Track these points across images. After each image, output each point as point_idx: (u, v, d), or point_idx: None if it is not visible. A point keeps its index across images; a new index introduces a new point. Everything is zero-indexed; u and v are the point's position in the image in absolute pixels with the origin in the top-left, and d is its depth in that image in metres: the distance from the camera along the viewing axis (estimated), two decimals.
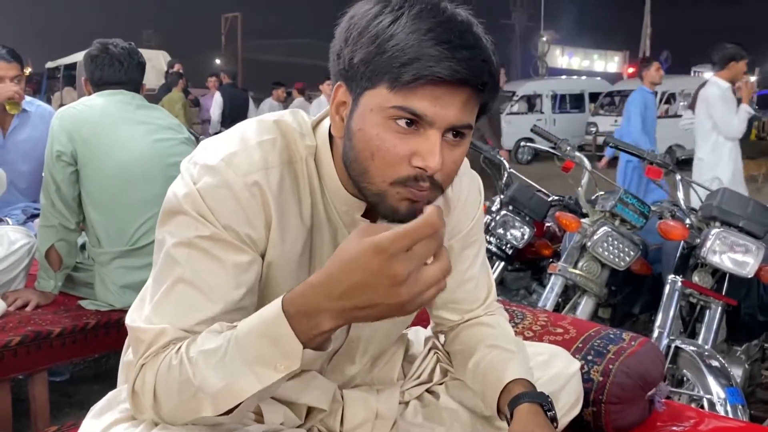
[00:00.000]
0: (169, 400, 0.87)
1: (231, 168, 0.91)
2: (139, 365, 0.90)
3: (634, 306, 2.77)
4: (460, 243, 1.15)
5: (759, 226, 2.21)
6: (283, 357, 0.79)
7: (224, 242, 0.91)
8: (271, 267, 0.96)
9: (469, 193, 1.15)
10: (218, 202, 0.91)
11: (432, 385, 1.21)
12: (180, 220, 0.92)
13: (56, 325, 2.01)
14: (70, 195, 2.09)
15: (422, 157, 0.86)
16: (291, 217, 0.96)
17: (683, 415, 1.53)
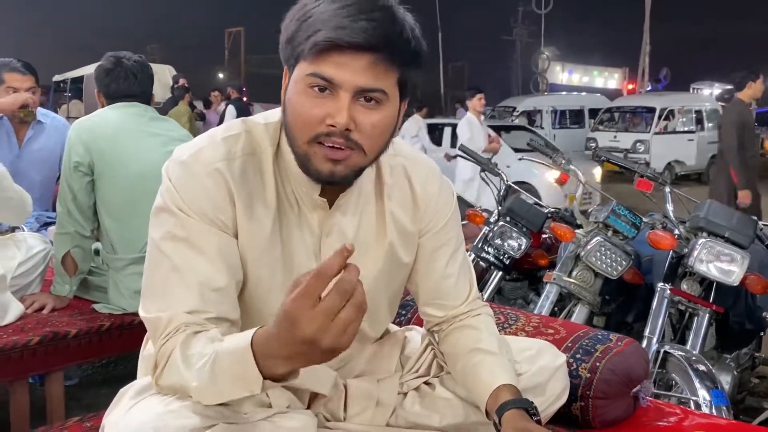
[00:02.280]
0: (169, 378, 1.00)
1: (197, 161, 1.07)
2: (159, 345, 1.01)
3: (627, 315, 2.86)
4: (432, 241, 1.26)
5: (743, 236, 2.31)
6: (246, 383, 0.89)
7: (200, 229, 1.05)
8: (245, 249, 1.09)
9: (440, 195, 1.26)
10: (188, 192, 1.05)
11: (429, 378, 1.30)
12: (162, 216, 1.07)
13: (72, 326, 2.10)
14: (85, 204, 2.18)
15: (332, 116, 0.99)
16: (256, 201, 1.09)
17: (668, 412, 1.62)
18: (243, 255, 1.10)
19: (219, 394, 0.93)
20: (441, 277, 1.27)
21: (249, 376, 0.88)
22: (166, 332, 1.01)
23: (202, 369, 0.93)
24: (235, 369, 0.89)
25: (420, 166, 1.26)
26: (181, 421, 0.93)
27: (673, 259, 2.48)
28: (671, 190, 2.61)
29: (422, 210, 1.24)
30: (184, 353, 0.98)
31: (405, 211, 1.22)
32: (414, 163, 1.25)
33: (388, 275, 1.23)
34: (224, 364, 0.91)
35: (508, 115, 16.32)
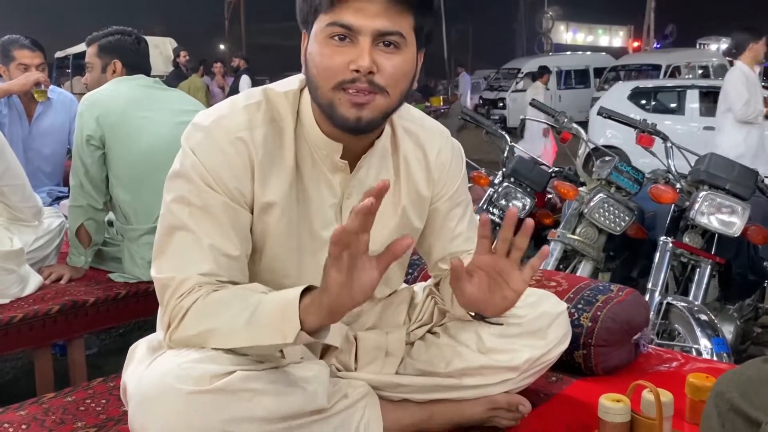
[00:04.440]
0: (188, 329, 1.04)
1: (219, 128, 1.10)
2: (175, 302, 1.06)
3: (632, 270, 2.91)
4: (447, 204, 1.30)
5: (744, 188, 2.34)
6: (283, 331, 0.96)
7: (217, 198, 1.08)
8: (262, 214, 1.13)
9: (452, 161, 1.30)
10: (208, 157, 1.08)
11: (433, 325, 1.36)
12: (179, 182, 1.10)
13: (90, 295, 2.17)
14: (98, 177, 2.22)
15: (355, 61, 1.02)
16: (276, 167, 1.13)
17: (668, 358, 1.68)
18: (260, 220, 1.13)
19: (249, 338, 0.99)
20: (452, 237, 1.32)
21: (288, 324, 0.95)
22: (180, 292, 1.06)
23: (240, 314, 0.99)
24: (276, 316, 0.96)
25: (433, 135, 1.29)
26: (201, 370, 0.98)
27: (675, 212, 2.51)
28: (672, 145, 2.63)
29: (436, 176, 1.28)
30: (213, 305, 1.03)
31: (419, 176, 1.26)
32: (427, 132, 1.29)
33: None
34: (267, 310, 0.98)
35: (513, 77, 16.20)
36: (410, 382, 1.28)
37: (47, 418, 1.36)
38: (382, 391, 1.25)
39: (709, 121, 6.93)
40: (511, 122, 14.21)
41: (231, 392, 0.98)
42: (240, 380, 0.99)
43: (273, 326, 0.97)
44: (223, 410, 0.97)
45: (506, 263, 1.05)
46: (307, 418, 1.06)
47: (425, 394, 1.29)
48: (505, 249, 1.04)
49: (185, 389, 0.96)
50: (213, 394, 0.97)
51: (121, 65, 2.35)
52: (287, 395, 1.03)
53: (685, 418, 1.34)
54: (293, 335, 0.95)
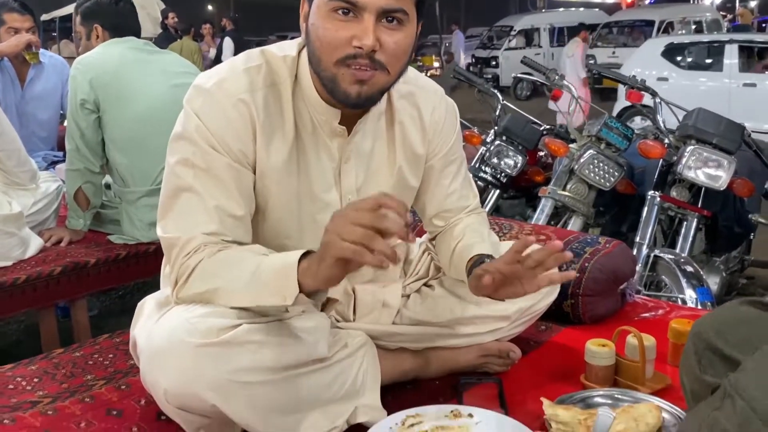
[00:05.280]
0: (193, 288, 1.08)
1: (221, 90, 1.11)
2: (181, 260, 1.10)
3: (621, 225, 2.96)
4: (441, 162, 1.34)
5: (730, 142, 2.38)
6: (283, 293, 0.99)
7: (220, 159, 1.11)
8: (263, 177, 1.16)
9: (446, 119, 1.33)
10: (211, 120, 1.10)
11: (428, 279, 1.41)
12: (182, 144, 1.12)
13: (90, 257, 2.21)
14: (94, 140, 2.23)
15: (358, 38, 1.04)
16: (276, 131, 1.15)
17: (652, 306, 1.74)
18: (262, 183, 1.16)
19: (251, 299, 1.03)
20: (446, 194, 1.36)
21: (287, 287, 0.98)
22: (186, 251, 1.10)
23: (242, 275, 1.03)
24: (277, 279, 0.99)
25: (427, 93, 1.32)
26: (208, 324, 1.03)
27: (663, 167, 2.56)
28: (661, 101, 2.66)
29: (430, 135, 1.31)
30: (217, 264, 1.07)
31: (414, 135, 1.29)
32: (422, 91, 1.31)
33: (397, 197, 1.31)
34: (267, 273, 1.01)
35: (505, 35, 16.04)
36: (406, 331, 1.34)
37: (58, 372, 1.42)
38: (380, 341, 1.31)
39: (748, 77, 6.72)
40: (503, 81, 14.13)
41: (237, 344, 1.03)
42: (245, 333, 1.04)
43: (273, 288, 1.00)
44: (230, 361, 1.02)
45: (528, 273, 1.07)
46: (309, 367, 1.11)
47: (420, 342, 1.35)
48: (534, 266, 1.05)
49: (194, 342, 1.01)
50: (220, 346, 1.02)
51: (101, 29, 2.33)
52: (290, 345, 1.08)
53: (667, 361, 1.41)
54: (292, 297, 0.98)
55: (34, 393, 1.33)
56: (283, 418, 1.08)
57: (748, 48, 7.13)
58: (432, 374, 1.36)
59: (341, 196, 1.23)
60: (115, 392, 1.33)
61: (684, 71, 7.44)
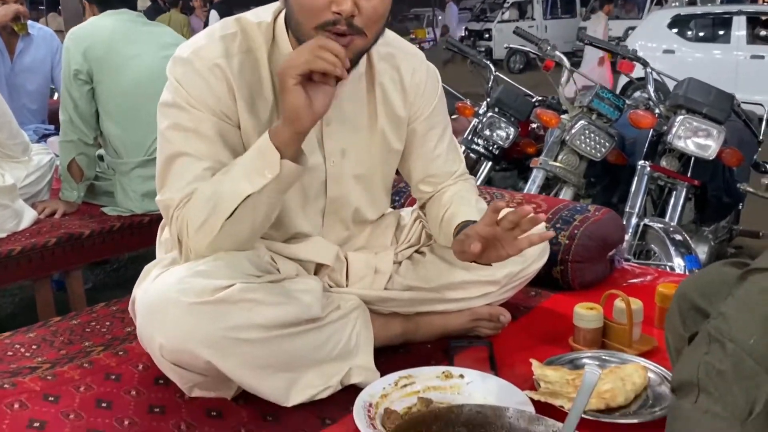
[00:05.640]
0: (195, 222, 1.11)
1: (198, 57, 1.15)
2: (177, 215, 1.13)
3: (612, 196, 2.99)
4: (423, 125, 1.35)
5: (720, 111, 2.40)
6: (268, 165, 1.05)
7: (206, 119, 1.14)
8: (248, 138, 1.18)
9: (427, 82, 1.34)
10: (192, 87, 1.14)
11: (420, 246, 1.43)
12: (170, 110, 1.16)
13: (85, 228, 2.22)
14: (87, 112, 2.24)
15: (337, 3, 1.05)
16: (255, 96, 1.18)
17: (640, 272, 1.77)
18: (246, 144, 1.18)
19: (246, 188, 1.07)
20: (431, 158, 1.37)
21: (269, 158, 1.05)
22: (178, 203, 1.13)
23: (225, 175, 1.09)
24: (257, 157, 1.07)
25: (408, 56, 1.33)
26: (203, 284, 1.05)
27: (653, 137, 2.58)
28: (653, 71, 2.67)
29: (411, 97, 1.33)
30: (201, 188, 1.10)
31: (395, 97, 1.31)
32: (402, 53, 1.33)
33: (382, 161, 1.34)
34: (249, 159, 1.08)
35: (498, 8, 15.91)
36: (398, 296, 1.37)
37: (56, 339, 1.44)
38: (372, 305, 1.33)
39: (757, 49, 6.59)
40: (496, 54, 14.04)
41: (232, 302, 1.05)
42: (239, 291, 1.06)
43: (260, 167, 1.06)
44: (224, 319, 1.04)
45: (507, 235, 1.08)
46: (303, 326, 1.13)
47: (412, 307, 1.38)
48: (510, 227, 1.07)
49: (187, 301, 1.04)
50: (214, 304, 1.04)
51: (88, 4, 2.35)
52: (284, 305, 1.11)
53: (654, 325, 1.44)
54: (277, 164, 1.05)
55: (33, 359, 1.35)
56: (278, 375, 1.11)
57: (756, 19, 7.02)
58: (423, 338, 1.39)
59: (325, 160, 1.25)
60: (113, 358, 1.35)
61: (691, 43, 7.34)
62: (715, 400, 0.70)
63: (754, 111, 3.14)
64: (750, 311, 0.74)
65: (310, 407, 1.15)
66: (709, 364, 0.73)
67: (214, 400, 1.17)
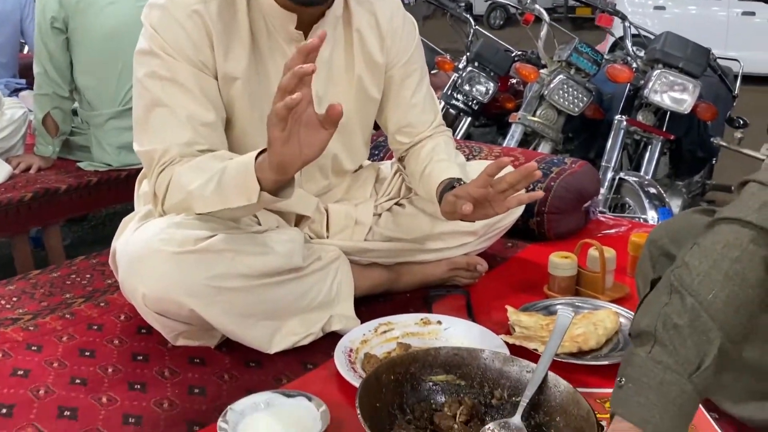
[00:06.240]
0: (172, 198, 1.12)
1: (175, 4, 1.14)
2: (156, 173, 1.12)
3: (589, 151, 3.02)
4: (400, 72, 1.35)
5: (696, 66, 2.42)
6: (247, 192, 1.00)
7: (183, 68, 1.13)
8: (226, 85, 1.17)
9: (403, 28, 1.34)
10: (169, 34, 1.12)
11: (399, 199, 1.45)
12: (146, 58, 1.14)
13: (61, 183, 2.20)
14: (62, 63, 2.21)
15: None
16: (233, 40, 1.17)
17: (614, 223, 1.81)
18: (223, 93, 1.18)
19: (221, 203, 1.06)
20: (408, 107, 1.37)
21: (249, 186, 1.00)
22: (162, 162, 1.12)
23: (210, 180, 1.06)
24: (239, 179, 1.01)
25: (384, 2, 1.32)
26: (185, 234, 1.06)
27: (630, 91, 2.60)
28: (631, 25, 2.67)
29: (388, 43, 1.32)
30: (187, 172, 1.09)
31: (372, 43, 1.30)
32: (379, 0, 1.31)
33: (359, 109, 1.34)
34: (230, 177, 1.03)
35: None
36: (378, 247, 1.39)
37: (36, 291, 1.44)
38: (352, 256, 1.35)
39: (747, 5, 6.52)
40: (477, 9, 13.84)
41: (214, 252, 1.06)
42: (222, 242, 1.07)
43: (237, 189, 1.02)
44: (207, 268, 1.06)
45: (497, 196, 1.09)
46: (284, 276, 1.15)
47: (391, 258, 1.40)
48: (506, 188, 1.08)
49: (170, 250, 1.04)
50: (197, 254, 1.05)
51: None
52: (266, 255, 1.12)
53: (626, 273, 1.48)
54: (256, 195, 1.00)
55: (14, 311, 1.35)
56: (261, 323, 1.13)
57: None
58: (403, 287, 1.42)
59: None
60: (95, 309, 1.36)
61: None
62: (668, 353, 0.73)
63: (730, 67, 3.17)
64: (713, 266, 0.76)
65: (293, 353, 1.18)
66: (668, 317, 0.75)
67: (197, 348, 1.19)
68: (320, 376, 1.12)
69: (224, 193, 1.04)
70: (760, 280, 0.74)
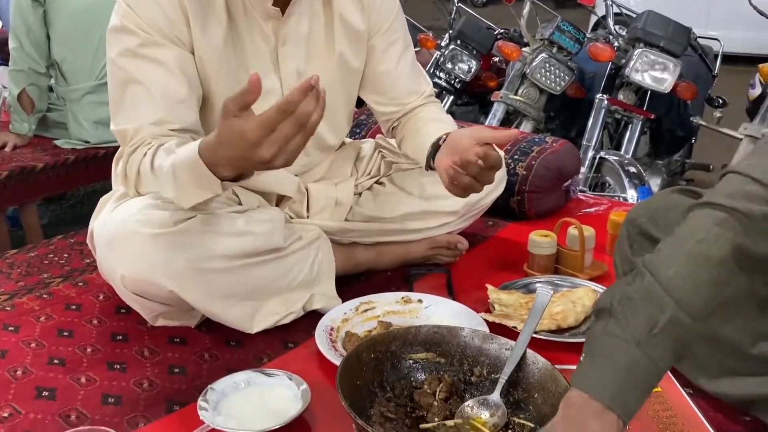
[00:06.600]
0: (145, 188, 1.10)
1: None
2: (127, 154, 1.11)
3: (571, 130, 3.04)
4: (383, 40, 1.33)
5: (677, 45, 2.43)
6: (207, 186, 0.97)
7: (158, 45, 1.11)
8: (202, 62, 1.15)
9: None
10: (143, 9, 1.10)
11: (380, 177, 1.44)
12: (120, 36, 1.12)
13: (38, 161, 2.17)
14: (40, 37, 2.17)
15: None
16: (209, 16, 1.14)
17: (594, 202, 1.82)
18: (200, 70, 1.16)
19: (190, 198, 1.03)
20: (395, 77, 1.35)
21: (207, 180, 0.96)
22: (132, 142, 1.10)
23: (167, 181, 1.02)
24: (194, 176, 0.96)
25: None
26: (163, 213, 1.05)
27: (612, 70, 2.60)
28: (612, 3, 2.67)
29: (368, 9, 1.30)
30: (153, 166, 1.07)
31: (352, 12, 1.28)
32: None
33: (341, 84, 1.32)
34: (183, 174, 0.98)
35: None
36: (358, 227, 1.38)
37: (12, 271, 1.43)
38: (333, 236, 1.35)
39: None
40: None
41: (193, 233, 1.05)
42: (200, 222, 1.06)
43: (198, 185, 0.98)
44: (185, 249, 1.05)
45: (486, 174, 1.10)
46: (265, 256, 1.15)
47: (372, 237, 1.40)
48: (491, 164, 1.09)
49: (148, 231, 1.03)
50: (175, 235, 1.04)
51: None
52: (245, 235, 1.11)
53: (606, 252, 1.49)
54: (218, 187, 0.97)
55: None
56: (242, 304, 1.13)
57: None
58: (384, 266, 1.42)
59: (281, 82, 1.23)
60: (73, 289, 1.35)
61: None
62: (620, 325, 0.74)
63: (710, 46, 3.19)
64: (678, 245, 0.77)
65: (273, 332, 1.18)
66: (625, 293, 0.77)
67: (177, 328, 1.19)
68: (301, 354, 1.12)
69: (188, 192, 1.01)
70: (723, 260, 0.75)
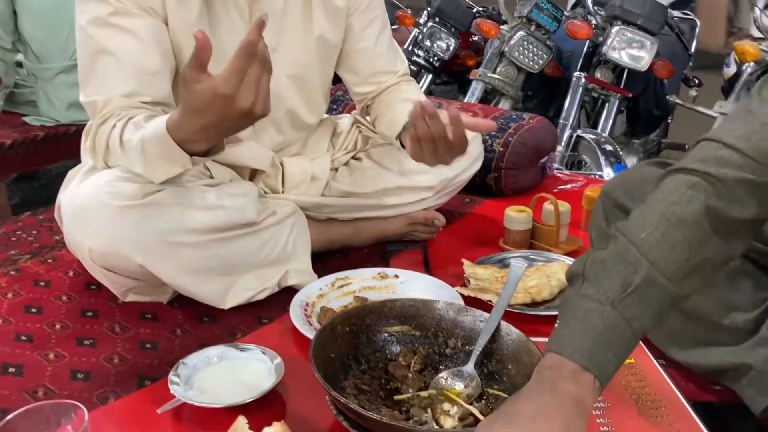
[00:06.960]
0: (114, 161, 1.08)
1: None
2: (96, 125, 1.08)
3: (548, 110, 3.04)
4: (360, 20, 1.32)
5: (654, 23, 2.43)
6: (176, 162, 0.96)
7: (130, 14, 1.07)
8: (176, 34, 1.12)
9: None
10: None
11: (357, 152, 1.43)
12: (90, 4, 1.08)
13: (6, 138, 2.11)
14: (6, 13, 2.09)
15: None
16: None
17: (570, 179, 1.83)
18: (173, 41, 1.13)
19: (160, 172, 1.01)
20: (372, 57, 1.35)
21: (176, 156, 0.94)
22: (102, 113, 1.07)
23: (136, 156, 1.01)
24: (162, 152, 0.95)
25: None
26: (132, 186, 1.02)
27: (589, 48, 2.60)
28: None
29: None
30: (122, 140, 1.04)
31: None
32: None
33: (318, 61, 1.30)
34: (152, 149, 0.97)
35: None
36: (335, 202, 1.37)
37: None
38: (309, 212, 1.33)
39: None
40: None
41: (163, 206, 1.03)
42: (170, 195, 1.04)
43: (167, 160, 0.97)
44: (155, 222, 1.03)
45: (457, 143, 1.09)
46: (238, 231, 1.13)
47: (349, 213, 1.39)
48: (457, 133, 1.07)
49: (117, 204, 1.01)
50: (145, 207, 1.02)
51: None
52: (217, 209, 1.09)
53: (581, 227, 1.50)
54: (188, 162, 0.95)
55: None
56: (214, 279, 1.11)
57: None
58: (361, 242, 1.41)
59: None
60: (42, 265, 1.32)
61: None
62: (593, 286, 0.74)
63: (688, 25, 3.20)
64: (652, 208, 0.77)
65: (248, 308, 1.16)
66: (598, 257, 0.76)
67: (149, 304, 1.17)
68: (276, 330, 1.11)
69: (158, 168, 0.99)
70: (696, 221, 0.75)
